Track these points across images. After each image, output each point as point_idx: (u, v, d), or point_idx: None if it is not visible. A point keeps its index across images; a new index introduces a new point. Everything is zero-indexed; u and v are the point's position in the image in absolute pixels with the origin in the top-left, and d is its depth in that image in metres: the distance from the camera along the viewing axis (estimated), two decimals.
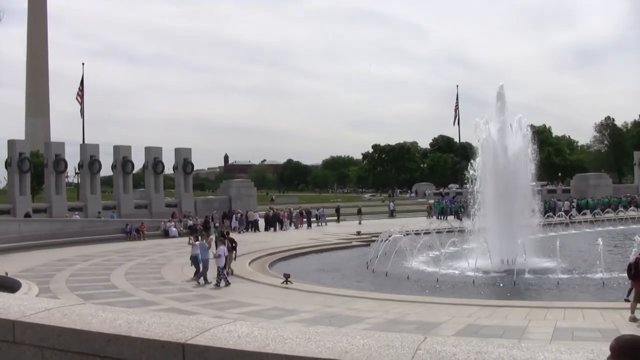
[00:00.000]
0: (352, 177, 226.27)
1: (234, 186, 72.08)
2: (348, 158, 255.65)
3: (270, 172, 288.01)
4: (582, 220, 58.68)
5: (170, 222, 53.78)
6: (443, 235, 40.41)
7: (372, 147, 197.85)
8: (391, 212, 74.58)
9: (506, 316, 17.08)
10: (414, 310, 18.47)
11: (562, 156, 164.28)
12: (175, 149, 66.76)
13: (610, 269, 27.77)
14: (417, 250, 33.99)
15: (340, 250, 41.60)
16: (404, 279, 28.40)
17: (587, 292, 23.92)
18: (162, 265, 32.38)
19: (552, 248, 29.73)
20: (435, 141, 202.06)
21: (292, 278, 25.31)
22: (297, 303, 20.14)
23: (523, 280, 26.99)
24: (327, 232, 53.30)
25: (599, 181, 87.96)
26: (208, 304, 20.24)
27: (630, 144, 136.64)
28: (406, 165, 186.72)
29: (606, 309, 17.98)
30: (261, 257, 35.78)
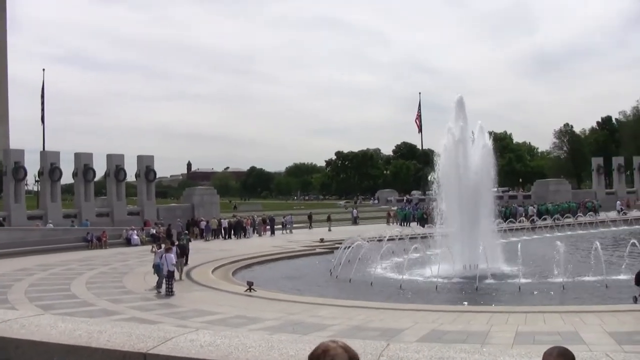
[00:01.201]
0: (316, 184, 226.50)
1: (197, 194, 71.67)
2: (311, 165, 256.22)
3: (233, 179, 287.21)
4: (542, 226, 59.46)
5: (132, 230, 53.33)
6: (406, 241, 40.61)
7: (336, 154, 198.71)
8: (354, 219, 74.70)
9: (469, 321, 17.17)
10: (377, 316, 18.49)
11: (523, 162, 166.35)
12: (138, 156, 66.30)
13: (571, 273, 28.10)
14: (380, 257, 34.11)
15: (303, 258, 41.57)
16: (367, 286, 28.42)
17: (548, 297, 24.17)
18: (124, 274, 32.06)
19: (513, 253, 30.00)
20: (398, 148, 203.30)
21: (256, 286, 25.21)
22: (261, 311, 20.07)
23: (485, 285, 27.18)
24: (290, 239, 53.22)
25: (558, 187, 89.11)
26: (171, 313, 20.08)
27: (588, 150, 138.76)
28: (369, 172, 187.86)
29: (566, 312, 18.15)
30: (224, 264, 35.61)
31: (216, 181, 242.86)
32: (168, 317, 19.25)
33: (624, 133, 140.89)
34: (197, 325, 17.23)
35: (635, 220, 64.26)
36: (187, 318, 18.85)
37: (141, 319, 18.23)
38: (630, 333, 14.60)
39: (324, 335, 15.22)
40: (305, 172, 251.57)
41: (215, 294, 25.06)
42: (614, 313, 17.65)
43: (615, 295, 23.86)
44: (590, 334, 14.63)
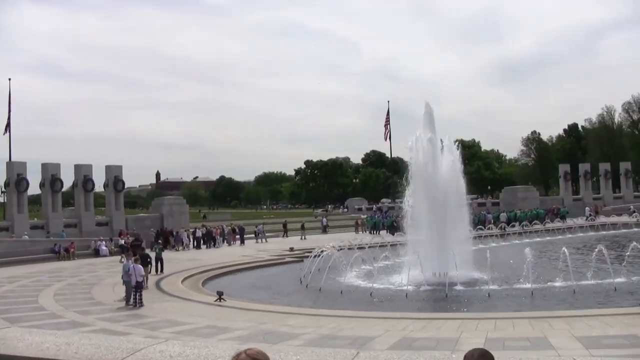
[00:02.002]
0: (285, 193, 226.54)
1: (166, 203, 71.41)
2: (281, 174, 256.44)
3: (202, 189, 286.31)
4: (511, 233, 60.00)
5: (101, 241, 52.91)
6: (376, 249, 40.73)
7: (305, 162, 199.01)
8: (324, 227, 74.74)
9: (439, 328, 17.23)
10: (348, 325, 18.49)
11: (491, 170, 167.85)
12: (106, 166, 65.90)
13: (539, 279, 28.37)
14: (350, 265, 34.16)
15: (273, 267, 41.49)
16: (337, 294, 28.45)
17: (517, 303, 24.34)
18: (93, 285, 31.77)
19: (483, 260, 30.18)
20: (367, 156, 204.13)
21: (226, 295, 25.13)
22: (231, 320, 20.00)
23: (455, 292, 27.30)
24: (260, 248, 53.12)
25: (526, 194, 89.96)
26: (140, 324, 19.92)
27: (555, 157, 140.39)
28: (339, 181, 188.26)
29: (535, 318, 18.31)
30: (194, 274, 35.45)
31: (185, 191, 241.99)
32: (137, 328, 19.10)
33: (590, 140, 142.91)
34: (166, 335, 17.11)
35: (601, 226, 64.98)
36: (157, 329, 18.70)
37: (110, 331, 18.08)
38: (597, 337, 14.74)
39: (294, 344, 15.23)
40: (275, 181, 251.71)
41: (185, 304, 24.92)
42: (581, 318, 17.82)
43: (583, 300, 24.09)
44: (559, 338, 14.76)
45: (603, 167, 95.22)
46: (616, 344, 14.01)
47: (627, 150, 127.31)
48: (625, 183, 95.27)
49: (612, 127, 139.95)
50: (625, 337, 14.60)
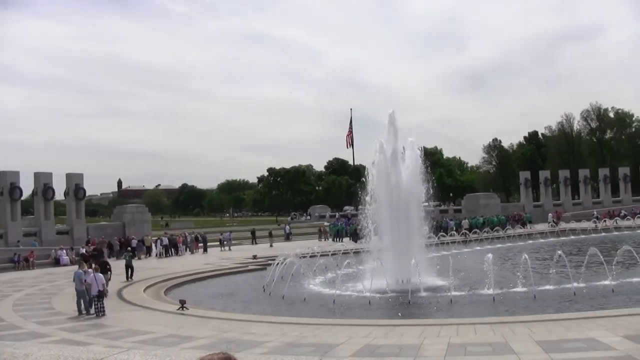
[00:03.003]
0: (248, 201, 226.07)
1: (127, 212, 70.91)
2: (243, 182, 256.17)
3: (165, 196, 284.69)
4: (473, 239, 60.50)
5: (61, 250, 52.30)
6: (339, 256, 40.80)
7: (268, 170, 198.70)
8: (287, 235, 74.72)
9: (402, 335, 17.29)
10: (311, 332, 18.50)
11: (454, 177, 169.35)
12: (67, 174, 65.22)
13: (501, 285, 28.65)
14: (313, 273, 34.20)
15: (236, 275, 41.40)
16: (301, 302, 28.46)
17: (479, 308, 24.52)
18: (53, 295, 31.37)
19: (445, 267, 30.37)
20: (330, 164, 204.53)
21: (188, 304, 25.02)
22: (194, 329, 19.87)
23: (418, 298, 27.44)
24: (223, 256, 52.93)
25: (488, 200, 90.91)
26: (101, 334, 19.69)
27: (516, 165, 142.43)
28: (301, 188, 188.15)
29: (497, 323, 18.47)
30: (156, 283, 35.24)
31: (147, 199, 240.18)
32: (98, 337, 18.87)
33: (549, 148, 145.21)
34: (128, 345, 16.96)
35: (562, 232, 65.81)
36: (118, 338, 18.52)
37: (71, 341, 17.88)
38: (557, 341, 14.91)
39: (256, 352, 15.21)
40: (238, 188, 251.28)
41: (147, 313, 24.73)
42: (542, 322, 18.03)
43: (543, 304, 24.38)
44: (520, 343, 14.91)
45: (563, 174, 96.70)
46: (575, 347, 14.19)
47: (586, 158, 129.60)
48: (584, 190, 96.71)
49: (571, 135, 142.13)
50: (584, 341, 14.79)
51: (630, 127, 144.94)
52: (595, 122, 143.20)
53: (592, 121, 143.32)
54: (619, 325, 16.63)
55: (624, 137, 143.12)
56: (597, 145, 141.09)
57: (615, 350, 13.52)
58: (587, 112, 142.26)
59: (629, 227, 70.08)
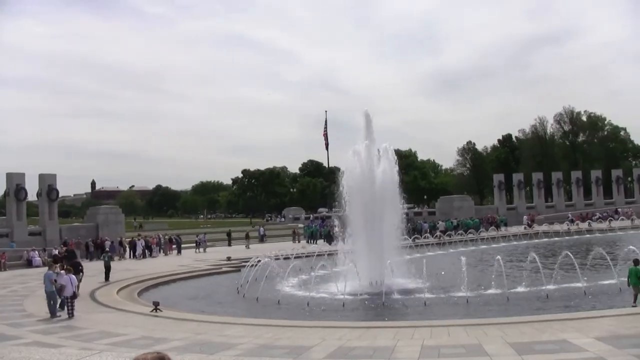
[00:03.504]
0: (222, 203, 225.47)
1: (101, 213, 70.34)
2: (218, 183, 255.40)
3: (139, 198, 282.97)
4: (447, 241, 60.80)
5: (33, 251, 51.83)
6: (313, 259, 40.83)
7: (242, 172, 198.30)
8: (261, 237, 74.64)
9: (375, 337, 17.32)
10: (285, 334, 18.49)
11: (428, 179, 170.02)
12: (39, 174, 64.59)
13: (474, 287, 28.82)
14: (287, 275, 34.18)
15: (210, 277, 41.28)
16: (275, 304, 28.42)
17: (452, 310, 24.66)
18: (25, 296, 31.11)
19: (419, 269, 30.48)
20: (304, 166, 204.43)
21: (162, 306, 24.92)
22: (167, 331, 19.79)
23: (392, 300, 27.51)
24: (198, 258, 52.76)
25: (462, 203, 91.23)
26: (74, 336, 19.52)
27: (490, 167, 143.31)
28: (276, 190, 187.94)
29: (470, 325, 18.60)
30: (130, 285, 35.03)
31: (121, 200, 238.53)
32: (71, 340, 18.72)
33: (523, 150, 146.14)
34: (101, 347, 16.87)
35: (534, 234, 66.35)
36: (91, 340, 18.38)
37: (43, 343, 17.71)
38: (529, 343, 15.03)
39: (230, 354, 15.19)
40: (212, 190, 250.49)
41: (121, 315, 24.58)
42: (515, 324, 18.19)
43: (517, 307, 24.55)
44: (493, 345, 15.01)
45: (536, 176, 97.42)
46: (547, 349, 14.32)
47: (559, 161, 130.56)
48: (557, 192, 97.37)
49: (545, 138, 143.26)
50: (556, 343, 14.93)
51: (603, 131, 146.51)
52: (568, 125, 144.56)
53: (565, 124, 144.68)
54: (590, 327, 16.80)
55: (596, 140, 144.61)
56: (570, 148, 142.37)
57: (587, 352, 13.66)
58: (561, 115, 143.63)
59: (600, 229, 70.78)
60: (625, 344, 14.30)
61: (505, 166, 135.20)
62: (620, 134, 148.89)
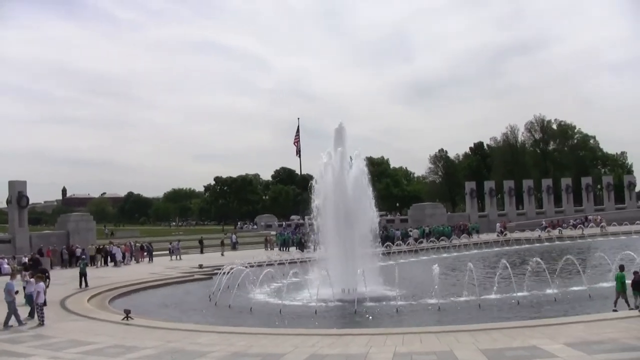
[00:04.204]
0: (195, 210, 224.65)
1: (72, 220, 69.60)
2: (190, 190, 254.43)
3: (110, 205, 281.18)
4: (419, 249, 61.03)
5: (2, 259, 51.21)
6: (286, 266, 40.79)
7: (214, 179, 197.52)
8: (233, 244, 74.37)
9: (348, 344, 17.33)
10: (258, 342, 18.44)
11: (400, 187, 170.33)
12: (9, 181, 63.82)
13: (446, 294, 28.96)
14: (260, 282, 34.13)
15: (182, 284, 41.05)
16: (247, 311, 28.37)
17: (424, 317, 24.73)
18: None
19: (391, 276, 30.55)
20: (277, 173, 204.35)
21: (133, 313, 24.73)
22: (139, 339, 19.65)
23: (364, 308, 27.53)
24: (170, 265, 52.45)
25: (434, 210, 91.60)
26: (43, 345, 19.28)
27: (462, 175, 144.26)
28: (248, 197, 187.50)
29: (442, 332, 18.68)
30: (101, 292, 34.73)
31: (92, 207, 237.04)
32: (40, 349, 18.49)
33: (494, 158, 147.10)
34: (71, 356, 16.74)
35: (506, 241, 66.78)
36: (61, 349, 18.19)
37: (11, 352, 17.54)
38: (501, 349, 15.14)
39: None
40: (184, 197, 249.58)
41: (92, 323, 24.35)
42: (486, 331, 18.28)
43: (488, 313, 24.72)
44: (464, 352, 15.11)
45: (507, 184, 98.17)
46: (518, 355, 14.44)
47: (530, 168, 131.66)
48: (527, 200, 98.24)
49: (516, 146, 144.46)
50: (526, 349, 15.06)
51: (573, 139, 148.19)
52: (539, 133, 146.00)
53: (536, 132, 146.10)
54: (560, 333, 16.98)
55: (566, 148, 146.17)
56: (541, 156, 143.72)
57: (557, 358, 13.83)
58: (531, 123, 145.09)
59: (571, 236, 71.50)
60: (594, 349, 14.49)
61: (477, 174, 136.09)
62: (590, 143, 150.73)
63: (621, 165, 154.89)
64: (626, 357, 13.91)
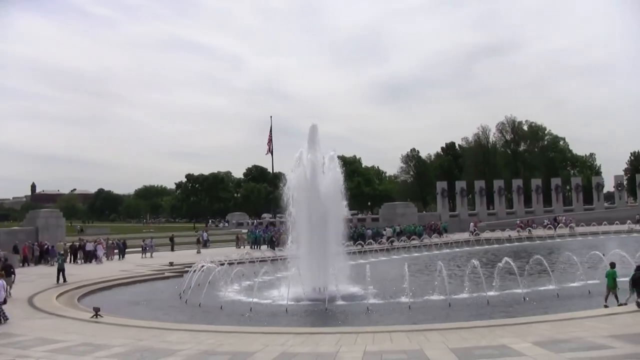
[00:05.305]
0: (166, 207, 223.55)
1: (41, 216, 68.88)
2: (161, 188, 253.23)
3: (80, 201, 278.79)
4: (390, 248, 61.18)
5: None
6: (256, 264, 40.73)
7: (186, 176, 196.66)
8: (204, 242, 74.04)
9: (318, 343, 17.34)
10: (227, 340, 18.39)
11: (372, 186, 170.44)
12: None
13: (417, 293, 29.07)
14: (230, 280, 34.04)
15: (152, 282, 40.85)
16: (217, 309, 28.27)
17: (394, 316, 24.82)
18: None
19: (363, 275, 30.60)
20: (249, 171, 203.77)
21: (103, 311, 24.55)
22: (108, 337, 19.50)
23: (335, 306, 27.58)
24: (140, 263, 52.10)
25: (405, 210, 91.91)
26: (10, 343, 19.02)
27: (433, 175, 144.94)
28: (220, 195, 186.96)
29: (412, 331, 18.74)
30: (70, 290, 34.46)
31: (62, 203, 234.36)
32: (6, 347, 18.24)
33: (466, 158, 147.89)
34: (38, 354, 16.60)
35: (476, 241, 67.23)
36: (28, 347, 17.99)
37: None
38: (471, 348, 15.23)
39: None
40: (155, 194, 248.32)
41: (60, 321, 24.15)
42: (456, 330, 18.39)
43: (458, 313, 24.86)
44: (434, 350, 15.19)
45: (478, 184, 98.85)
46: (487, 354, 14.54)
47: (501, 169, 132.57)
48: (498, 200, 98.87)
49: (487, 147, 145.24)
50: (495, 348, 15.18)
51: (543, 140, 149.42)
52: (510, 134, 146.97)
53: (507, 133, 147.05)
54: (529, 332, 17.14)
55: (536, 149, 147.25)
56: (512, 157, 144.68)
57: (525, 357, 13.95)
58: (503, 124, 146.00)
59: (540, 236, 72.13)
60: (562, 348, 14.67)
61: (449, 174, 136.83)
62: (559, 144, 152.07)
63: (590, 166, 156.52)
64: (591, 355, 14.07)
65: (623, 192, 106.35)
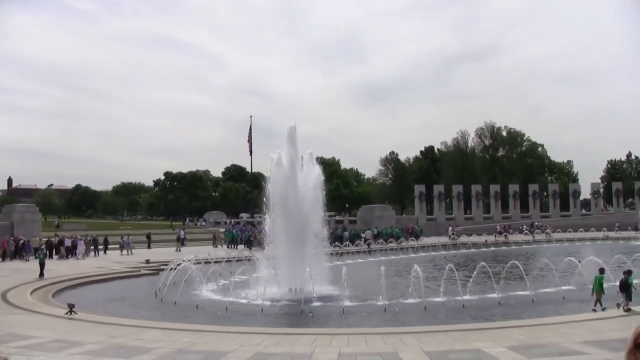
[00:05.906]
0: (143, 204, 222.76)
1: (17, 211, 68.44)
2: (139, 185, 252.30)
3: (57, 197, 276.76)
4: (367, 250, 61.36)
5: None
6: (233, 264, 40.65)
7: (164, 174, 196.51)
8: (182, 240, 73.82)
9: (293, 343, 17.33)
10: (202, 339, 18.34)
11: (350, 188, 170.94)
12: None
13: (392, 296, 29.14)
14: (206, 279, 33.96)
15: (128, 279, 40.69)
16: (193, 308, 28.16)
17: (370, 318, 24.85)
18: None
19: (339, 277, 30.63)
20: (227, 170, 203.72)
21: (77, 308, 24.37)
22: (82, 334, 19.37)
23: (311, 308, 27.58)
24: (117, 260, 51.87)
25: (383, 212, 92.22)
26: None
27: (412, 178, 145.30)
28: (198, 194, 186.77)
29: (387, 333, 18.78)
30: (44, 286, 34.18)
31: (39, 198, 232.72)
32: None
33: (444, 163, 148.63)
34: (10, 351, 16.43)
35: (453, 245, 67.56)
36: (0, 343, 17.86)
37: None
38: (445, 352, 15.29)
39: (146, 359, 15.02)
40: (133, 191, 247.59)
41: (34, 317, 23.95)
42: (431, 333, 18.45)
43: (433, 316, 24.95)
44: (409, 353, 15.23)
45: (456, 189, 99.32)
46: (462, 357, 14.61)
47: (479, 174, 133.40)
48: (475, 205, 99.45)
49: (466, 151, 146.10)
50: (470, 352, 15.25)
51: (521, 146, 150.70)
52: (488, 139, 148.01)
53: (486, 139, 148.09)
54: (503, 337, 17.22)
55: (514, 155, 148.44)
56: (490, 162, 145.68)
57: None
58: (482, 129, 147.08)
59: (516, 242, 72.57)
60: (535, 352, 14.77)
61: (427, 177, 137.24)
62: (537, 150, 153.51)
63: (567, 173, 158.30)
64: None
65: (599, 200, 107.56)
